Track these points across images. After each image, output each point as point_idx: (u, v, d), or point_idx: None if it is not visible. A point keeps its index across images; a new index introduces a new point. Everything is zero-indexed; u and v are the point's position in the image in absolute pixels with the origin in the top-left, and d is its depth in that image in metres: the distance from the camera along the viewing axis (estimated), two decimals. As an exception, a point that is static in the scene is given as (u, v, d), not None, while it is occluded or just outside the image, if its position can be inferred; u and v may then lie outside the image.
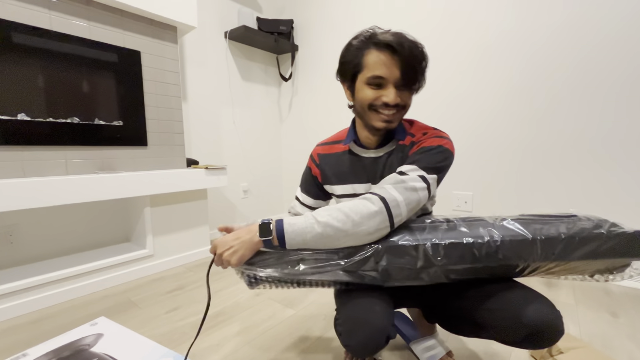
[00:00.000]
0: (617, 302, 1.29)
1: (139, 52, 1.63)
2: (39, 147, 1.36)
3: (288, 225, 0.65)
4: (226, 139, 2.36)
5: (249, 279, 0.70)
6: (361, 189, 0.81)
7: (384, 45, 0.67)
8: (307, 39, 2.50)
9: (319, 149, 0.90)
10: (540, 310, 0.62)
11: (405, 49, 0.66)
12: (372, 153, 0.80)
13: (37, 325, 1.18)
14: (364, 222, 0.63)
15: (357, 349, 0.66)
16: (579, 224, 0.65)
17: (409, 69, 0.68)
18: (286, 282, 0.70)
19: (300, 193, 0.94)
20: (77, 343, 0.77)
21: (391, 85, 0.69)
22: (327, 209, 0.66)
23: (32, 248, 1.49)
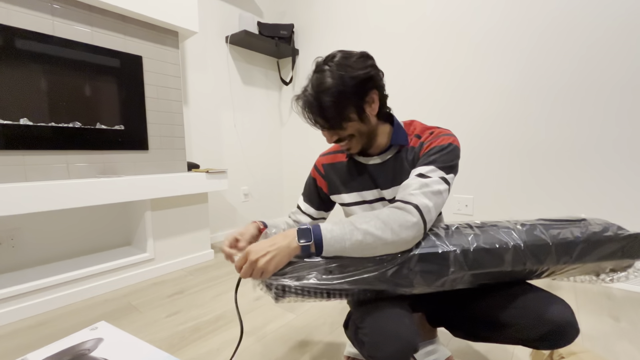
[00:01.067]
0: (619, 306, 1.28)
1: (140, 57, 1.64)
2: (41, 152, 1.37)
3: (326, 232, 0.63)
4: (227, 143, 2.37)
5: (277, 291, 0.65)
6: (369, 195, 0.82)
7: (299, 107, 0.75)
8: (307, 43, 2.51)
9: (323, 159, 0.91)
10: (561, 309, 0.64)
11: (308, 108, 0.73)
12: (377, 159, 0.81)
13: (38, 329, 1.18)
14: (402, 232, 0.63)
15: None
16: (590, 228, 0.68)
17: (319, 121, 0.73)
18: (318, 293, 0.66)
19: (303, 202, 0.94)
20: (77, 348, 0.76)
21: (320, 128, 0.76)
22: (362, 217, 0.65)
23: (34, 252, 1.50)
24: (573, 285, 1.48)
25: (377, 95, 0.73)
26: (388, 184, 0.79)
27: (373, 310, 0.70)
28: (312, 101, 0.71)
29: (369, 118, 0.74)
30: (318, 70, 0.73)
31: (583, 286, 1.46)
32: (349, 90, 0.69)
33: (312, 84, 0.72)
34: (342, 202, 0.87)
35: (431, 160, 0.71)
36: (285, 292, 0.65)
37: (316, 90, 0.70)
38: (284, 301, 0.67)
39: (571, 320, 0.64)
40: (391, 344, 0.65)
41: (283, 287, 0.64)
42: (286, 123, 2.75)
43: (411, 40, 1.96)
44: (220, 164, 2.32)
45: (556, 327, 0.63)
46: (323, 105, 0.70)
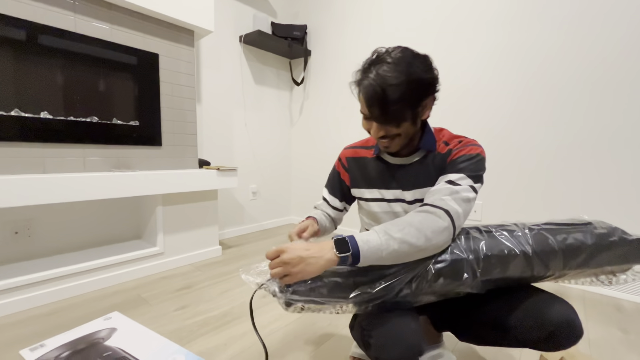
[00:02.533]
0: (629, 318, 1.27)
1: (157, 55, 1.67)
2: (59, 145, 1.41)
3: (362, 243, 0.63)
4: (237, 141, 2.40)
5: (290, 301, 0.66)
6: (389, 194, 0.82)
7: (362, 87, 0.70)
8: (320, 45, 2.53)
9: (347, 152, 0.92)
10: (563, 310, 0.65)
11: (373, 94, 0.67)
12: (403, 160, 0.81)
13: (53, 317, 1.21)
14: (434, 237, 0.63)
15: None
16: (595, 232, 0.68)
17: (377, 111, 0.69)
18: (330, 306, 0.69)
19: (328, 195, 0.95)
20: (92, 336, 0.79)
21: (373, 121, 0.72)
22: (395, 224, 0.65)
23: (49, 242, 1.54)
24: (582, 296, 1.46)
25: (433, 101, 0.73)
26: (410, 186, 0.79)
27: (380, 313, 0.71)
28: (378, 91, 0.67)
29: (418, 121, 0.74)
30: (383, 61, 0.69)
31: (592, 297, 1.44)
32: (413, 91, 0.68)
33: (379, 74, 0.67)
34: (361, 196, 0.88)
35: (461, 168, 0.72)
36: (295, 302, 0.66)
37: (383, 81, 0.67)
38: (294, 310, 0.68)
39: (574, 321, 0.64)
40: (397, 347, 0.66)
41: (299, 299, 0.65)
42: (296, 124, 2.77)
43: (426, 42, 1.96)
44: (230, 162, 2.35)
45: (559, 328, 0.64)
46: (387, 98, 0.67)
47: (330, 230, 0.95)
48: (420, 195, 0.78)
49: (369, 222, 0.89)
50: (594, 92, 1.47)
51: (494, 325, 0.73)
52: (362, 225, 0.95)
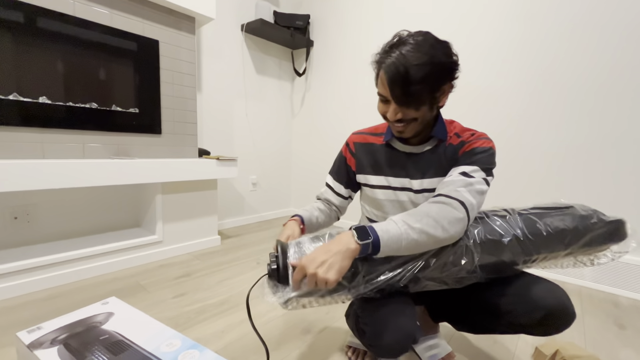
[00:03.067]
0: (625, 314, 1.27)
1: (157, 42, 1.65)
2: (58, 130, 1.40)
3: (382, 232, 0.63)
4: (238, 132, 2.38)
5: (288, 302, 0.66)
6: (396, 182, 0.81)
7: (385, 67, 0.68)
8: (322, 35, 2.50)
9: (355, 137, 0.90)
10: (554, 293, 0.66)
11: (395, 74, 0.66)
12: (413, 149, 0.80)
13: (50, 302, 1.22)
14: (451, 228, 0.64)
15: (383, 350, 0.67)
16: (578, 215, 0.71)
17: (399, 92, 0.67)
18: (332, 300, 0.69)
19: (333, 181, 0.93)
20: (89, 320, 0.79)
21: (392, 102, 0.71)
22: (412, 215, 0.65)
23: (48, 228, 1.54)
24: (579, 291, 1.46)
25: (450, 88, 0.72)
26: (419, 175, 0.79)
27: (374, 300, 0.71)
28: (401, 70, 0.65)
29: (435, 107, 0.73)
30: (406, 43, 0.67)
31: (589, 292, 1.45)
32: (435, 74, 0.67)
33: (403, 54, 0.66)
34: (366, 182, 0.87)
35: (474, 160, 0.72)
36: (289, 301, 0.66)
37: (407, 61, 0.65)
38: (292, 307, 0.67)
39: (565, 304, 0.65)
40: (391, 334, 0.66)
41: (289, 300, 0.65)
42: (297, 115, 2.75)
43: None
44: (230, 153, 2.34)
45: (551, 312, 0.65)
46: (410, 79, 0.65)
47: (329, 224, 0.93)
48: (429, 185, 0.77)
49: (370, 210, 0.88)
50: (603, 93, 1.45)
51: (488, 312, 0.74)
52: (362, 214, 0.94)
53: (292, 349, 0.98)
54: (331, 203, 0.93)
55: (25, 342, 0.69)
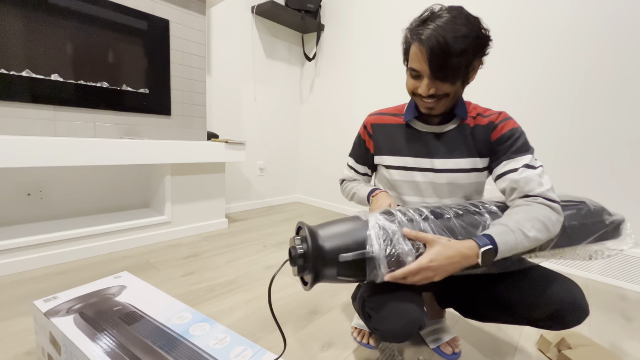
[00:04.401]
0: (633, 307, 1.26)
1: (167, 21, 1.63)
2: (69, 109, 1.41)
3: (502, 244, 0.60)
4: (246, 116, 2.38)
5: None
6: (415, 162, 0.80)
7: (423, 40, 0.65)
8: (334, 19, 2.45)
9: (372, 118, 0.88)
10: (568, 289, 0.65)
11: (435, 46, 0.63)
12: (435, 128, 0.79)
13: (64, 275, 1.25)
14: (553, 230, 0.65)
15: (389, 335, 0.67)
16: (589, 211, 0.72)
17: (438, 64, 0.65)
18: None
19: (355, 163, 0.94)
20: (103, 292, 0.81)
21: (425, 77, 0.69)
22: (527, 220, 0.63)
23: (60, 205, 1.57)
24: (585, 284, 1.46)
25: (480, 64, 0.71)
26: (443, 154, 0.78)
27: (384, 285, 0.71)
28: (441, 42, 0.63)
29: (466, 83, 0.72)
30: (440, 17, 0.65)
31: (595, 285, 1.44)
32: (473, 47, 0.65)
33: (441, 26, 0.63)
34: (382, 163, 0.86)
35: (526, 147, 0.72)
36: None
37: (447, 33, 0.63)
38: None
39: (579, 300, 0.64)
40: (397, 319, 0.66)
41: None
42: (306, 101, 2.73)
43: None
44: (238, 136, 2.34)
45: (563, 306, 0.64)
46: (450, 51, 0.63)
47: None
48: (454, 165, 0.77)
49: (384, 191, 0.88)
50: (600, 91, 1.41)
51: (497, 302, 0.73)
52: None
53: (298, 328, 1.00)
54: (355, 182, 0.96)
55: (42, 310, 0.72)
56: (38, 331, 0.76)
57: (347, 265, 0.62)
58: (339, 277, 0.63)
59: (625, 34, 1.38)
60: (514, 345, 0.97)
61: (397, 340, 0.67)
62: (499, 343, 0.98)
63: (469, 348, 0.94)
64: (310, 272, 0.62)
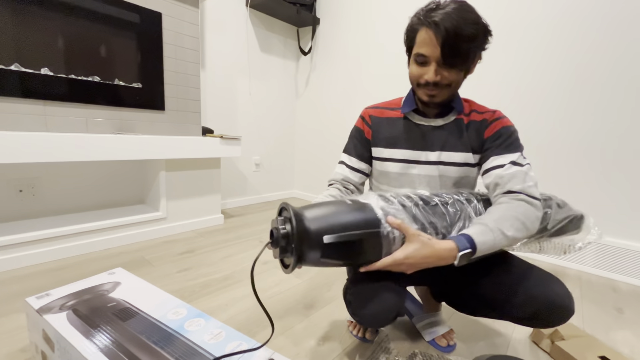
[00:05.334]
0: (624, 298, 1.28)
1: (160, 14, 1.61)
2: (61, 103, 1.38)
3: (480, 244, 0.61)
4: (241, 111, 2.36)
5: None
6: (410, 155, 0.80)
7: (432, 24, 0.66)
8: (329, 13, 2.42)
9: (371, 111, 0.87)
10: (553, 288, 0.65)
11: (449, 28, 0.64)
12: (432, 121, 0.80)
13: (58, 272, 1.24)
14: (532, 228, 0.66)
15: (365, 319, 0.69)
16: (556, 204, 0.76)
17: (450, 48, 0.66)
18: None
19: (350, 158, 0.87)
20: (97, 288, 0.81)
21: (433, 63, 0.69)
22: (505, 218, 0.64)
23: (52, 202, 1.55)
24: (578, 276, 1.48)
25: (479, 57, 0.73)
26: (437, 147, 0.78)
27: (364, 273, 0.72)
28: (455, 25, 0.63)
29: (467, 73, 0.73)
30: (445, 6, 0.66)
31: (588, 278, 1.46)
32: (481, 36, 0.67)
33: (454, 12, 0.64)
34: (378, 155, 0.84)
35: (515, 146, 0.73)
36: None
37: (459, 19, 0.63)
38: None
39: (562, 300, 0.64)
40: (373, 304, 0.68)
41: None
42: (302, 96, 2.71)
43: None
44: (233, 132, 2.32)
45: (546, 307, 0.64)
46: (464, 35, 0.64)
47: None
48: (447, 158, 0.78)
49: (377, 184, 0.87)
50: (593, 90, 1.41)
51: (485, 301, 0.73)
52: (369, 186, 0.94)
53: (295, 322, 1.00)
54: (350, 182, 0.86)
55: (35, 307, 0.71)
56: (31, 328, 0.76)
57: (333, 248, 0.60)
58: (323, 259, 0.60)
59: (619, 30, 1.39)
60: (508, 337, 0.98)
61: (372, 326, 0.71)
62: (494, 335, 0.99)
63: (463, 340, 0.95)
64: (294, 253, 0.58)
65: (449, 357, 0.78)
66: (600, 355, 0.85)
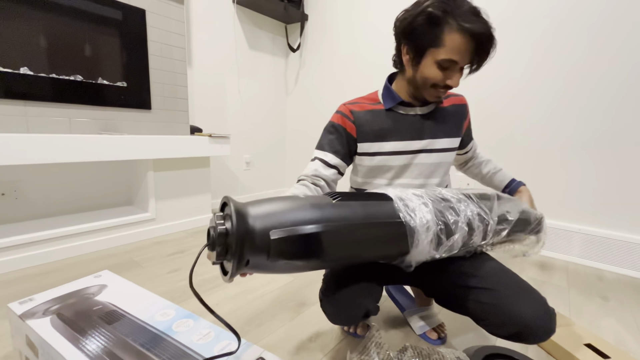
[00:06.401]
0: (609, 287, 1.31)
1: (143, 11, 1.57)
2: (42, 103, 1.35)
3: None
4: (230, 109, 2.33)
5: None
6: (403, 146, 0.79)
7: (469, 30, 0.64)
8: (318, 9, 2.41)
9: (351, 106, 0.82)
10: (532, 309, 0.62)
11: (485, 38, 0.66)
12: (418, 110, 0.80)
13: (43, 277, 1.22)
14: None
15: (333, 317, 0.71)
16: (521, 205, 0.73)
17: (480, 57, 0.69)
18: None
19: (325, 153, 0.80)
20: (82, 292, 0.79)
21: (459, 69, 0.69)
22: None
23: (37, 205, 1.51)
24: (565, 265, 1.51)
25: None
26: (429, 135, 0.80)
27: (337, 272, 0.74)
28: (489, 36, 0.66)
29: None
30: (478, 12, 0.67)
31: (575, 268, 1.49)
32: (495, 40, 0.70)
33: (486, 23, 0.66)
34: (369, 150, 0.80)
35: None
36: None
37: (486, 22, 0.66)
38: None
39: (542, 322, 0.62)
40: (340, 303, 0.70)
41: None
42: (292, 93, 2.69)
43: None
44: (223, 131, 2.29)
45: (525, 329, 0.62)
46: (492, 45, 0.68)
47: None
48: (439, 145, 0.80)
49: (362, 181, 0.85)
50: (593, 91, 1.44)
51: (467, 312, 0.71)
52: (351, 186, 0.91)
53: (286, 320, 1.00)
54: (321, 178, 0.79)
55: (17, 313, 0.69)
56: (14, 334, 0.74)
57: (286, 245, 0.50)
58: (275, 260, 0.50)
59: (613, 28, 1.41)
60: (497, 328, 1.00)
61: (341, 324, 0.75)
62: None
63: (454, 332, 0.96)
64: (233, 256, 0.48)
65: (440, 349, 0.78)
66: (586, 343, 0.87)
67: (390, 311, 1.06)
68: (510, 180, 0.91)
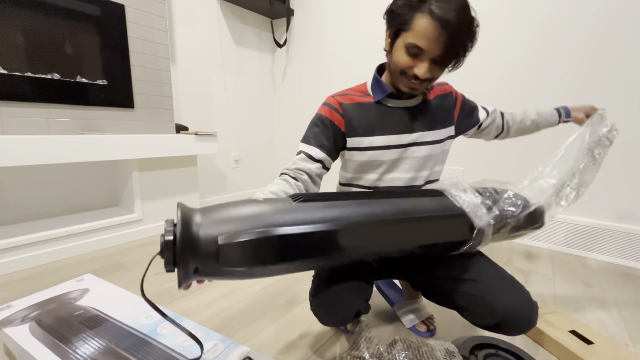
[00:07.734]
0: (593, 274, 1.35)
1: (122, 6, 1.52)
2: (18, 104, 1.30)
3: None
4: (217, 106, 2.29)
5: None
6: (395, 140, 0.77)
7: (438, 17, 0.60)
8: (303, 4, 2.38)
9: (340, 98, 0.79)
10: (514, 301, 0.64)
11: (458, 30, 0.61)
12: (406, 103, 0.78)
13: (24, 282, 1.18)
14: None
15: (324, 319, 0.71)
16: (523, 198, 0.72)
17: (453, 50, 0.64)
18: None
19: (310, 147, 0.77)
20: (63, 297, 0.77)
21: (427, 59, 0.65)
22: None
23: (18, 208, 1.46)
24: (551, 255, 1.54)
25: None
26: (420, 128, 0.78)
27: (327, 271, 0.73)
28: (463, 26, 0.62)
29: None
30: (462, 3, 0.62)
31: (560, 257, 1.52)
32: (476, 36, 0.66)
33: (461, 6, 0.61)
34: (360, 145, 0.78)
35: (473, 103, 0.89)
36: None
37: (467, 17, 0.62)
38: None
39: (523, 313, 0.63)
40: (331, 304, 0.69)
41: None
42: (279, 89, 2.67)
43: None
44: (209, 128, 2.26)
45: (506, 320, 0.63)
46: (468, 37, 0.64)
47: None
48: (431, 137, 0.78)
49: (352, 176, 0.83)
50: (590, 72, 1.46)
51: (452, 305, 0.73)
52: (339, 182, 0.90)
53: (277, 317, 0.99)
54: (304, 172, 0.75)
55: (-6, 321, 0.67)
56: (-8, 343, 0.71)
57: (238, 251, 0.48)
58: (228, 267, 0.48)
59: (608, 24, 1.43)
60: (485, 318, 1.01)
61: (332, 325, 0.73)
62: (472, 317, 1.01)
63: (444, 324, 0.97)
64: (178, 265, 0.46)
65: (429, 341, 0.79)
66: (570, 330, 0.89)
67: (379, 305, 1.06)
68: (557, 112, 0.92)
